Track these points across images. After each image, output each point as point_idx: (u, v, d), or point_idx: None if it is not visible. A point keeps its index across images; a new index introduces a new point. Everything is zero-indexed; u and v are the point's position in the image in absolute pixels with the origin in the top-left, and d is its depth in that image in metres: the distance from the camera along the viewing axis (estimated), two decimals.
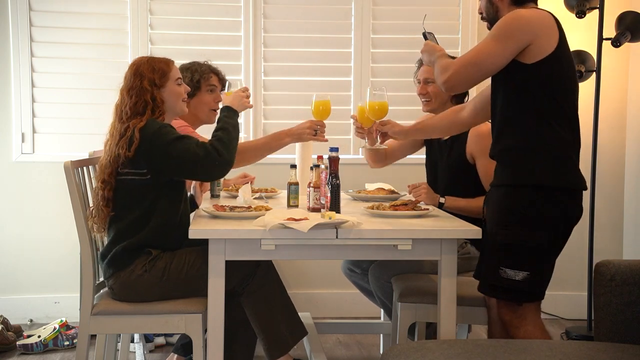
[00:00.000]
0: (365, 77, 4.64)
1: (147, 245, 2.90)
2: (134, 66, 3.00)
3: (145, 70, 2.96)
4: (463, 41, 4.62)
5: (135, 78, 2.96)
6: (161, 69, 2.98)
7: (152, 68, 2.97)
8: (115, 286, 2.92)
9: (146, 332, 3.84)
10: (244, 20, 4.58)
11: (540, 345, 2.39)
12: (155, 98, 2.94)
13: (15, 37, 4.43)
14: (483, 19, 2.94)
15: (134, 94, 2.93)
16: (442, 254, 2.77)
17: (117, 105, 2.99)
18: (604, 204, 4.64)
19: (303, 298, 4.57)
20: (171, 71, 3.01)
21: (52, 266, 4.49)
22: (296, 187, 3.23)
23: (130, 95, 2.94)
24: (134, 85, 2.94)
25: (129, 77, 2.98)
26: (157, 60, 3.02)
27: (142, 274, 2.87)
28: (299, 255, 2.84)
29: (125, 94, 2.96)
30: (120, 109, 2.95)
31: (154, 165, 2.85)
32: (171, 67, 3.03)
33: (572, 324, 4.49)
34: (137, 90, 2.93)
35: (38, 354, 3.95)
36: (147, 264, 2.88)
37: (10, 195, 4.50)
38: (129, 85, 2.96)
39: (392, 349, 2.38)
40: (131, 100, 2.92)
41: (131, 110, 2.91)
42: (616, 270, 2.53)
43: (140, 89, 2.93)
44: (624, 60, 4.66)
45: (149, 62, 3.00)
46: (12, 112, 4.47)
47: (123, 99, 2.96)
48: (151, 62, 3.00)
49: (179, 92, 3.03)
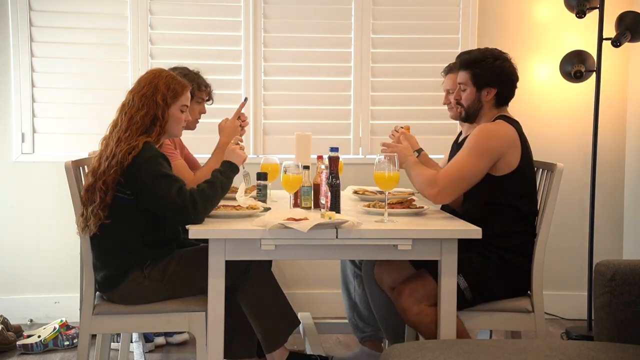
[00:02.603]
0: (366, 77, 4.64)
1: (141, 259, 2.90)
2: (153, 75, 2.99)
3: (162, 85, 2.95)
4: (463, 41, 4.62)
5: (150, 87, 2.94)
6: (175, 89, 2.97)
7: (168, 85, 2.96)
8: (115, 297, 2.93)
9: (148, 331, 3.84)
10: (244, 20, 4.57)
11: (540, 345, 2.39)
12: (165, 116, 2.94)
13: (15, 37, 4.43)
14: (459, 104, 3.21)
15: (146, 103, 2.91)
16: (442, 254, 2.77)
17: (124, 105, 2.96)
18: (604, 204, 4.64)
19: (303, 298, 4.57)
20: (183, 95, 3.01)
21: (52, 266, 4.49)
22: (309, 188, 3.22)
23: (141, 102, 2.92)
24: (147, 93, 2.93)
25: (143, 83, 2.97)
26: (176, 80, 3.01)
27: (142, 281, 2.89)
28: (299, 255, 2.85)
29: (136, 99, 2.93)
30: (130, 114, 2.91)
31: (136, 190, 2.85)
32: (185, 92, 3.02)
33: (572, 324, 4.48)
34: (149, 101, 2.92)
35: (38, 354, 3.95)
36: (144, 272, 2.89)
37: (10, 195, 4.50)
38: (142, 92, 2.94)
39: (392, 349, 2.38)
40: (142, 109, 2.91)
41: (142, 120, 2.89)
42: (616, 270, 2.53)
43: (152, 101, 2.92)
44: (624, 60, 4.66)
45: (167, 78, 2.99)
46: (12, 112, 4.47)
47: (133, 102, 2.94)
48: (169, 79, 2.99)
49: (180, 118, 3.01)
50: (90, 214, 2.85)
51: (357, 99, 4.63)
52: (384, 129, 4.63)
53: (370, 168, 2.99)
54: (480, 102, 3.15)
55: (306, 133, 3.50)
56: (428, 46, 4.64)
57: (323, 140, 4.55)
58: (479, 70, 3.12)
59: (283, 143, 4.58)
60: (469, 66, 3.15)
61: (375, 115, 4.66)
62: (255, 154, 4.59)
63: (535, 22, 4.67)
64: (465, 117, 3.23)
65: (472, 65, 3.14)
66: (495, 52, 3.18)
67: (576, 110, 4.67)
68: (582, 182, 4.54)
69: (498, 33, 4.65)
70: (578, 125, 4.67)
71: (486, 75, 3.12)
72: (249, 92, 4.56)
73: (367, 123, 4.65)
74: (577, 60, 4.32)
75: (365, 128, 4.63)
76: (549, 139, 4.64)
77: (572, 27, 4.55)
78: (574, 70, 4.32)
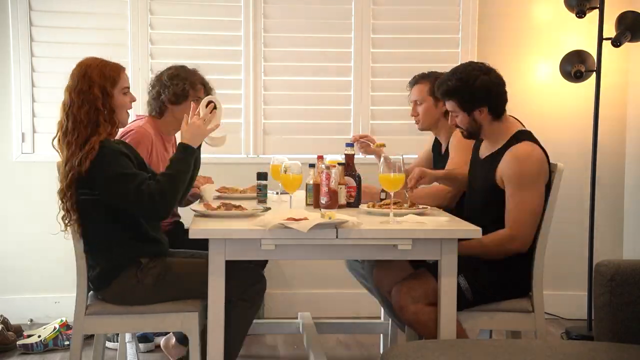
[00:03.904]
0: (366, 77, 4.64)
1: (134, 252, 2.89)
2: (83, 67, 2.85)
3: (95, 75, 2.82)
4: (463, 41, 4.62)
5: (85, 81, 2.82)
6: (110, 75, 2.84)
7: (102, 73, 2.83)
8: (108, 295, 2.92)
9: (142, 331, 3.85)
10: (244, 20, 4.57)
11: (540, 345, 2.39)
12: (107, 107, 2.83)
13: (15, 37, 4.43)
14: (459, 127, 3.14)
15: (85, 99, 2.80)
16: (442, 254, 2.77)
17: (64, 105, 2.85)
18: (604, 204, 4.64)
19: (303, 298, 4.57)
20: (120, 79, 2.89)
21: (52, 266, 4.49)
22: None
23: (80, 99, 2.81)
24: (83, 88, 2.81)
25: (76, 78, 2.84)
26: (108, 65, 2.87)
27: (135, 284, 2.88)
28: (299, 255, 2.85)
29: (74, 96, 2.82)
30: (72, 113, 2.81)
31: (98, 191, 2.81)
32: (121, 74, 2.90)
33: (572, 324, 4.48)
34: (86, 95, 2.80)
35: (38, 354, 3.95)
36: (138, 273, 2.87)
37: (10, 195, 4.50)
38: (77, 88, 2.82)
39: (392, 349, 2.39)
40: (83, 106, 2.80)
41: (86, 117, 2.79)
42: (616, 270, 2.53)
43: (89, 94, 2.80)
44: (624, 60, 4.65)
45: (99, 67, 2.85)
46: (12, 112, 4.47)
47: (72, 100, 2.82)
48: (101, 67, 2.85)
49: (125, 103, 2.91)
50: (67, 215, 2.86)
51: (357, 99, 4.63)
52: (384, 129, 4.64)
53: (370, 168, 3.00)
54: (476, 122, 3.07)
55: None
56: (428, 46, 4.64)
57: (323, 140, 4.57)
58: (463, 96, 3.05)
59: (283, 143, 4.58)
60: (452, 95, 3.07)
61: (375, 115, 4.66)
62: (256, 154, 4.59)
63: (535, 22, 4.67)
64: (469, 136, 3.17)
65: (454, 94, 3.06)
66: (473, 70, 3.06)
67: (576, 110, 4.67)
68: (582, 182, 4.54)
69: (498, 33, 4.65)
70: (578, 125, 4.67)
71: (472, 98, 3.04)
72: (249, 92, 4.56)
73: (367, 123, 4.65)
74: (577, 60, 4.32)
75: (365, 128, 4.63)
76: (549, 139, 4.57)
77: (572, 27, 4.54)
78: (574, 70, 4.32)
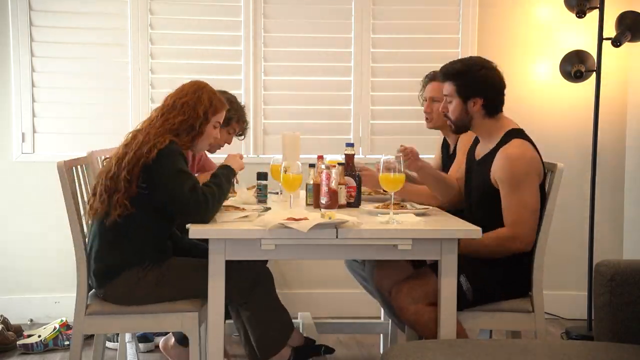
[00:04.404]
0: (366, 77, 4.64)
1: (139, 257, 2.90)
2: (197, 86, 3.04)
3: (205, 98, 3.00)
4: (463, 41, 4.62)
5: (193, 97, 2.99)
6: (216, 106, 3.03)
7: (211, 100, 3.01)
8: (108, 293, 2.93)
9: (142, 331, 3.85)
10: (244, 20, 4.57)
11: (540, 345, 2.40)
12: (199, 129, 2.98)
13: (15, 37, 4.43)
14: (447, 117, 3.15)
15: (187, 111, 2.96)
16: (442, 254, 2.77)
17: (162, 107, 3.00)
18: (604, 204, 4.64)
19: (303, 298, 4.57)
20: (220, 113, 3.06)
21: (52, 266, 4.49)
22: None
23: (183, 109, 2.96)
24: (189, 102, 2.97)
25: (187, 91, 3.01)
26: (217, 96, 3.06)
27: (137, 282, 2.88)
28: (299, 255, 2.85)
29: (178, 104, 2.97)
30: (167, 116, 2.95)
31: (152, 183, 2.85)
32: (222, 110, 3.07)
33: (572, 324, 4.48)
34: (190, 109, 2.96)
35: (38, 354, 3.95)
36: (140, 273, 2.88)
37: (10, 195, 4.50)
38: (184, 99, 2.98)
39: (392, 349, 2.38)
40: (181, 115, 2.95)
41: (178, 124, 2.94)
42: (616, 270, 2.53)
43: (194, 110, 2.96)
44: (624, 60, 4.65)
45: (210, 93, 3.04)
46: (12, 112, 4.47)
47: (174, 106, 2.97)
48: (212, 94, 3.05)
49: (211, 134, 3.06)
50: (115, 203, 2.84)
51: (357, 99, 4.63)
52: (384, 129, 4.64)
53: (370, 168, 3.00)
54: (468, 114, 3.08)
55: (294, 133, 3.43)
56: (428, 46, 4.63)
57: (323, 140, 4.56)
58: (464, 81, 3.06)
59: None
60: (453, 77, 3.09)
61: (375, 115, 4.66)
62: (256, 154, 4.59)
63: (535, 22, 4.67)
64: (456, 130, 3.18)
65: (456, 76, 3.08)
66: (480, 61, 3.12)
67: (576, 110, 4.67)
68: (582, 182, 4.54)
69: (498, 33, 4.65)
70: (578, 125, 4.67)
71: (471, 85, 3.05)
72: (249, 92, 4.56)
73: (367, 123, 4.65)
74: (577, 60, 4.32)
75: (365, 128, 4.64)
76: (549, 139, 4.62)
77: (572, 27, 4.54)
78: (574, 70, 4.32)
